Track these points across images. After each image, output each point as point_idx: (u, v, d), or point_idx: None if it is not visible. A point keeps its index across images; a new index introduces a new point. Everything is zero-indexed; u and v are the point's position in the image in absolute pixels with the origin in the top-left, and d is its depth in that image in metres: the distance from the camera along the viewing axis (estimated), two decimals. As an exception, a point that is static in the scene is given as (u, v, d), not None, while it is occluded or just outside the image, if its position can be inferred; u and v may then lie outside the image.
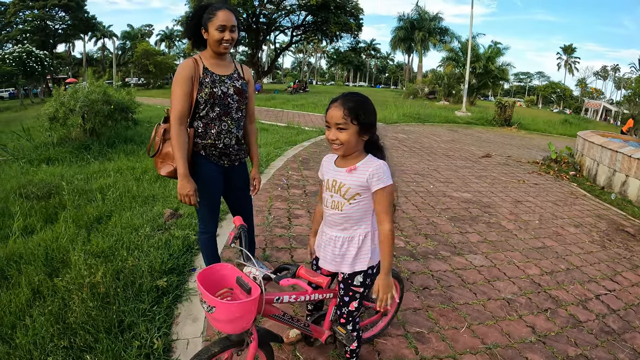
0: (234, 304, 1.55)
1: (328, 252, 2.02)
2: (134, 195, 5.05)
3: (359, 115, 1.76)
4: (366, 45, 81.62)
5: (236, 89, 2.57)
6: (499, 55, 32.92)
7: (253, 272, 1.71)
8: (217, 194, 2.74)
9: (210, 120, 2.52)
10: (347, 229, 1.95)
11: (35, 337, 2.36)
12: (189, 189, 2.43)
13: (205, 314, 1.62)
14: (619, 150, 7.58)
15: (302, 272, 1.75)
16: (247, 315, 1.60)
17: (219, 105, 2.50)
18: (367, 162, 1.85)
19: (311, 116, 16.66)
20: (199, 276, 1.61)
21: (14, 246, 3.54)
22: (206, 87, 2.45)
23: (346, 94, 1.83)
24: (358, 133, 1.80)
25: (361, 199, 1.88)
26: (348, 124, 1.76)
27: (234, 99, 2.56)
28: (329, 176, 1.98)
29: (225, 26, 2.41)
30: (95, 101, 8.34)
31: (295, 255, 3.76)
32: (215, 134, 2.54)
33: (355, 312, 2.07)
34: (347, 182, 1.88)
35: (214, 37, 2.43)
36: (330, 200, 1.96)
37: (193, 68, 2.45)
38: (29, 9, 48.35)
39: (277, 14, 35.30)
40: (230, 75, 2.58)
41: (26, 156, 7.47)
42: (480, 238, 4.65)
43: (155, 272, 3.14)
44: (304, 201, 5.29)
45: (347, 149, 1.83)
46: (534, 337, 2.91)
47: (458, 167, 8.51)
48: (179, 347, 2.48)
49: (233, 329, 1.64)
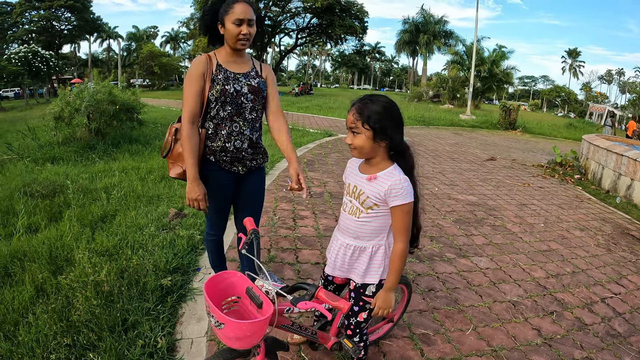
0: (246, 324, 1.42)
1: (338, 259, 1.97)
2: (139, 195, 5.06)
3: (371, 119, 1.67)
4: (371, 48, 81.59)
5: (251, 87, 2.39)
6: (503, 58, 32.84)
7: (266, 286, 1.60)
8: (227, 201, 2.60)
9: (221, 120, 2.36)
10: (360, 237, 1.88)
11: (38, 335, 2.35)
12: (198, 193, 2.30)
13: (212, 327, 1.49)
14: (624, 153, 7.54)
15: (321, 295, 1.61)
16: (258, 333, 1.50)
17: (230, 104, 2.34)
18: (388, 174, 1.75)
19: (316, 118, 16.67)
20: (206, 286, 1.52)
21: (18, 244, 3.53)
22: (218, 84, 2.30)
23: (363, 97, 1.74)
24: (373, 139, 1.70)
25: (379, 210, 1.80)
26: (360, 129, 1.69)
27: (248, 98, 2.39)
28: (351, 180, 1.91)
29: (242, 20, 2.26)
30: (100, 101, 8.38)
31: (301, 256, 3.75)
32: (225, 135, 2.36)
33: (364, 323, 2.01)
34: (366, 191, 1.80)
35: (230, 32, 2.28)
36: (349, 205, 1.91)
37: (205, 64, 2.32)
38: (35, 9, 48.58)
39: (282, 16, 35.43)
40: (246, 74, 2.42)
41: (31, 155, 7.50)
42: (486, 241, 4.62)
43: (159, 271, 3.14)
44: (309, 202, 5.28)
45: (362, 153, 1.77)
46: (539, 339, 2.88)
47: (463, 170, 8.48)
48: (183, 346, 2.47)
49: (242, 346, 1.52)
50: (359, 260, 1.91)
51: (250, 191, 2.63)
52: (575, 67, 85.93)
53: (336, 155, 8.65)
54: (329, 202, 5.37)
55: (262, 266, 1.68)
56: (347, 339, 2.05)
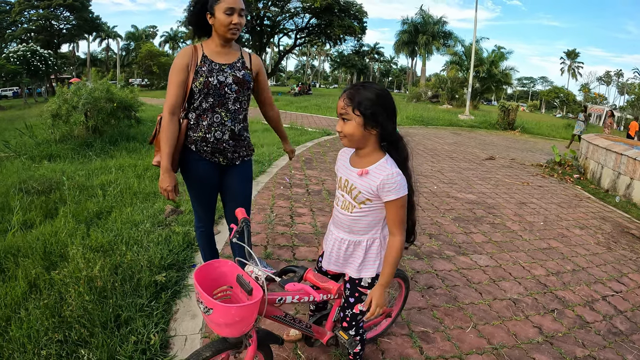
0: (234, 307, 1.40)
1: (333, 253, 1.92)
2: (135, 192, 5.01)
3: (362, 105, 1.59)
4: (370, 48, 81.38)
5: (236, 78, 2.37)
6: (502, 59, 32.87)
7: (255, 272, 1.59)
8: (211, 192, 2.59)
9: (203, 112, 2.36)
10: (354, 232, 1.83)
11: (30, 330, 2.30)
12: (168, 184, 2.33)
13: (202, 314, 1.48)
14: (624, 153, 7.51)
15: (309, 275, 1.61)
16: (247, 319, 1.47)
17: (212, 95, 2.33)
18: (380, 167, 1.67)
19: (314, 118, 16.63)
20: (196, 273, 1.50)
21: (12, 239, 3.48)
22: (201, 75, 2.30)
23: (355, 83, 1.67)
24: (363, 126, 1.62)
25: (372, 204, 1.74)
26: (350, 115, 1.61)
27: (232, 89, 2.36)
28: (342, 174, 1.85)
29: (234, 9, 2.23)
30: (98, 99, 8.32)
31: (298, 253, 3.71)
32: (206, 126, 2.37)
33: (360, 315, 1.96)
34: (357, 186, 1.74)
35: (221, 21, 2.25)
36: (341, 199, 1.85)
37: (190, 56, 2.32)
38: (34, 8, 48.47)
39: (281, 16, 35.38)
40: (232, 64, 2.40)
41: (28, 152, 7.43)
42: (485, 238, 4.58)
43: (154, 268, 3.09)
44: (306, 200, 5.24)
45: (352, 141, 1.68)
46: (540, 337, 2.84)
47: (462, 169, 8.45)
48: (176, 343, 2.42)
49: (231, 333, 1.50)
50: (354, 254, 1.86)
51: (235, 184, 2.62)
52: (574, 68, 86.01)
53: (334, 154, 8.60)
54: (327, 199, 5.33)
55: (252, 252, 1.65)
56: (342, 330, 1.99)
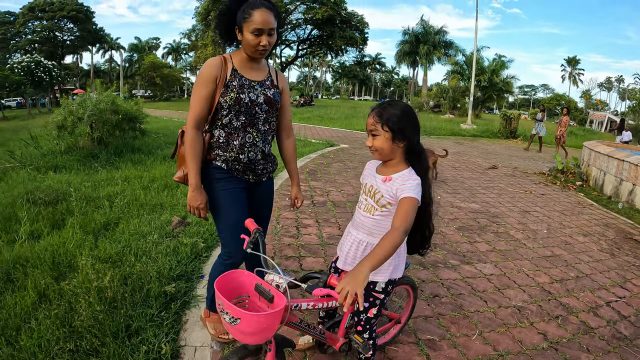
0: (262, 315, 1.44)
1: (350, 254, 2.02)
2: (142, 203, 5.06)
3: (390, 121, 1.78)
4: (371, 59, 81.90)
5: (267, 97, 2.26)
6: (503, 68, 32.93)
7: (276, 280, 1.60)
8: (242, 214, 2.27)
9: (234, 130, 2.21)
10: (373, 234, 1.94)
11: (40, 340, 2.33)
12: (200, 201, 2.20)
13: (225, 324, 1.50)
14: (626, 159, 7.53)
15: (333, 281, 1.62)
16: (272, 326, 1.51)
17: (245, 113, 2.19)
18: (403, 175, 1.83)
19: (317, 129, 16.72)
20: (217, 284, 1.51)
21: (20, 250, 3.52)
22: (232, 91, 2.15)
23: (382, 102, 1.86)
24: (392, 140, 1.80)
25: (391, 208, 1.86)
26: (379, 130, 1.80)
27: (263, 109, 2.25)
28: (368, 180, 2.00)
29: (262, 30, 2.07)
30: (103, 110, 8.42)
31: (305, 263, 3.73)
32: (238, 146, 2.22)
33: (374, 319, 2.04)
34: (380, 190, 1.88)
35: (248, 42, 2.11)
36: (364, 202, 1.98)
37: (219, 68, 2.16)
38: (38, 19, 49.11)
39: (283, 28, 35.62)
40: (262, 82, 2.28)
41: (34, 163, 7.51)
42: (489, 247, 4.61)
43: (163, 278, 3.13)
44: (312, 211, 5.27)
45: (382, 155, 1.86)
46: (545, 343, 2.85)
47: (465, 179, 8.48)
48: (187, 353, 2.45)
49: (255, 340, 1.55)
50: None
51: (260, 200, 2.51)
52: (574, 75, 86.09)
53: (338, 165, 8.66)
54: (332, 210, 5.36)
55: (271, 260, 1.68)
56: (357, 334, 2.07)
